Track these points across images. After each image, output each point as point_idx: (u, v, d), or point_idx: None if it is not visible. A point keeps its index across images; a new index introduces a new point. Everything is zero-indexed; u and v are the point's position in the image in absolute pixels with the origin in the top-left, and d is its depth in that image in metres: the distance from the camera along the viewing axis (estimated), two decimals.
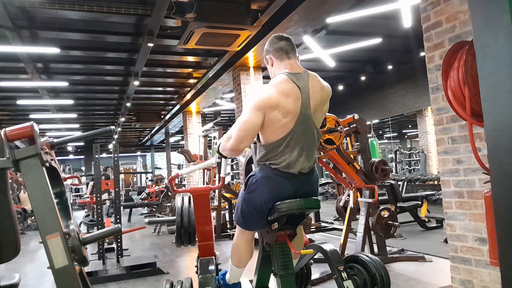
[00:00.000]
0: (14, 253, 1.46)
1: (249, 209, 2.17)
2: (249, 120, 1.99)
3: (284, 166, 2.05)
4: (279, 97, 1.97)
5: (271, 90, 2.00)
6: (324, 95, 2.15)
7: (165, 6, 4.86)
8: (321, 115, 2.18)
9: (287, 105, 1.97)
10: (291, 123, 2.00)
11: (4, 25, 5.43)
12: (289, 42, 2.18)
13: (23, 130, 1.41)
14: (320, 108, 2.13)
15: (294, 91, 2.01)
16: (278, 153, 2.04)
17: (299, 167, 2.05)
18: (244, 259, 2.39)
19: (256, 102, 1.98)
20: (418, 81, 9.67)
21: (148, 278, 4.33)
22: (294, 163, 2.04)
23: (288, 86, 2.01)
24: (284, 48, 2.15)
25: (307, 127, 2.06)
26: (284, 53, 2.15)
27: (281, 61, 2.15)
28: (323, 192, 13.78)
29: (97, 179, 4.88)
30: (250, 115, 1.99)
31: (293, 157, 2.04)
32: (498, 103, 1.43)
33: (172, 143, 20.27)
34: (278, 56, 2.16)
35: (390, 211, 4.22)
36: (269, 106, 1.96)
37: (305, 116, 2.03)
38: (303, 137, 2.05)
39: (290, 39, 2.21)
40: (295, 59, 2.17)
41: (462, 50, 2.40)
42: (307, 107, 2.03)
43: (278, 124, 1.99)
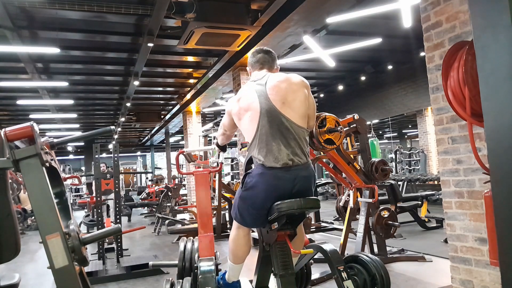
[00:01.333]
0: (14, 253, 1.46)
1: (246, 206, 2.21)
2: (223, 121, 2.55)
3: (272, 161, 2.12)
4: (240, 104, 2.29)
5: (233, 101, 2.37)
6: (292, 84, 2.25)
7: (165, 6, 4.86)
8: (298, 104, 2.23)
9: (250, 107, 2.23)
10: (255, 121, 2.20)
11: (4, 25, 5.43)
12: (267, 55, 2.43)
13: (23, 130, 1.40)
14: (292, 98, 2.21)
15: (252, 94, 2.25)
16: (259, 150, 2.17)
17: (285, 158, 2.12)
18: (241, 255, 2.40)
19: (226, 110, 2.46)
20: (418, 81, 9.69)
21: (148, 278, 4.33)
22: (279, 154, 2.13)
23: (246, 92, 2.30)
24: (260, 60, 2.42)
25: (276, 121, 2.16)
26: (259, 64, 2.42)
27: (253, 71, 2.45)
28: (323, 192, 13.78)
29: (97, 179, 4.88)
30: (224, 118, 2.53)
31: (275, 150, 2.13)
32: (498, 103, 1.43)
33: (172, 143, 20.27)
34: (255, 67, 2.45)
35: (390, 211, 4.22)
36: (234, 113, 2.34)
37: (270, 112, 2.16)
38: (274, 131, 2.15)
39: (268, 51, 2.46)
40: (268, 68, 2.41)
41: (462, 50, 2.40)
42: (267, 101, 2.18)
43: (247, 126, 2.25)
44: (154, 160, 25.59)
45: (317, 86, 11.74)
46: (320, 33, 6.62)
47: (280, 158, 2.11)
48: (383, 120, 16.33)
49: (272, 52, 2.47)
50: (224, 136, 2.70)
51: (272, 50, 2.48)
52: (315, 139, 2.72)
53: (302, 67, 9.11)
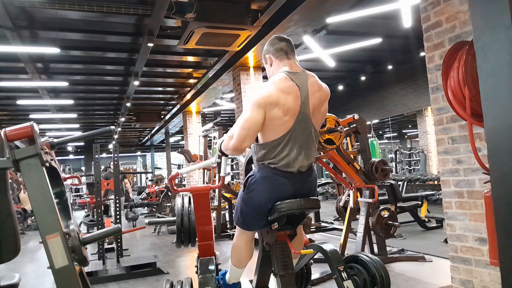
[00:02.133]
0: (14, 253, 1.46)
1: (249, 209, 2.18)
2: (250, 118, 1.98)
3: (283, 165, 2.05)
4: (279, 95, 1.97)
5: (271, 87, 2.00)
6: (322, 95, 2.15)
7: (165, 6, 4.86)
8: (320, 116, 2.17)
9: (287, 103, 1.98)
10: (290, 121, 2.00)
11: (4, 25, 5.43)
12: (289, 44, 2.20)
13: (23, 130, 1.40)
14: (319, 108, 2.13)
15: (293, 89, 2.01)
16: (278, 152, 2.04)
17: (298, 165, 2.06)
18: (244, 260, 2.40)
19: (256, 100, 1.98)
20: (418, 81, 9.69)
21: (148, 278, 4.33)
22: (293, 161, 2.05)
23: (287, 84, 2.02)
24: (284, 48, 2.17)
25: (306, 126, 2.06)
26: (283, 53, 2.16)
27: (281, 61, 2.17)
28: (323, 192, 13.77)
29: (97, 179, 4.88)
30: (251, 113, 1.98)
31: (292, 156, 2.04)
32: (498, 103, 1.43)
33: (172, 143, 20.27)
34: (278, 56, 2.18)
35: (390, 211, 4.22)
36: (269, 103, 1.96)
37: (304, 115, 2.03)
38: (302, 135, 2.06)
39: (290, 40, 2.23)
40: (294, 60, 2.19)
41: (462, 50, 2.40)
42: (306, 106, 2.03)
43: (278, 122, 1.99)
44: (154, 160, 25.60)
45: None
46: (320, 33, 6.62)
47: (293, 165, 2.05)
48: (383, 120, 16.33)
49: (291, 40, 2.25)
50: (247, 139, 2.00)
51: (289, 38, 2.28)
52: None
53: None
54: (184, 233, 2.55)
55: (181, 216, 2.55)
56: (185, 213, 2.56)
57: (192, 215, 2.53)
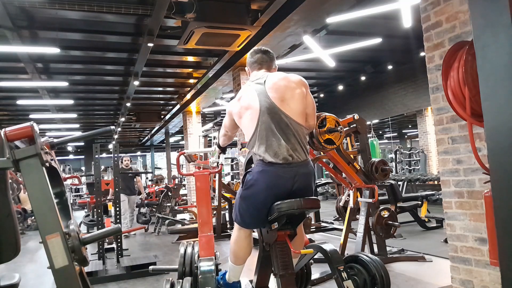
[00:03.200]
0: (14, 253, 1.46)
1: (247, 205, 2.22)
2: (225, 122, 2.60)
3: (270, 155, 2.14)
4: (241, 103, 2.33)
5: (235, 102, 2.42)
6: (290, 82, 2.29)
7: (165, 6, 4.86)
8: (295, 104, 2.26)
9: (250, 106, 2.26)
10: (255, 118, 2.23)
11: (4, 25, 5.43)
12: (265, 55, 2.46)
13: (23, 130, 1.40)
14: (290, 95, 2.24)
15: (252, 94, 2.28)
16: (259, 145, 2.18)
17: (285, 152, 2.14)
18: (242, 256, 2.41)
19: (227, 111, 2.52)
20: (418, 81, 9.70)
21: (148, 278, 4.33)
22: (278, 149, 2.15)
23: (247, 89, 2.34)
24: (258, 60, 2.45)
25: (276, 117, 2.20)
26: (257, 64, 2.46)
27: (252, 71, 2.49)
28: (323, 192, 13.77)
29: (97, 179, 4.87)
30: (225, 118, 2.57)
31: (275, 145, 2.15)
32: (498, 103, 1.43)
33: (172, 143, 20.27)
34: (252, 67, 2.49)
35: (390, 211, 4.22)
36: (235, 113, 2.39)
37: (269, 109, 2.20)
38: (273, 126, 2.18)
39: (267, 51, 2.49)
40: (267, 68, 2.44)
41: (462, 50, 2.40)
42: (266, 100, 2.22)
43: (247, 123, 2.28)
44: (154, 160, 25.59)
45: (317, 86, 11.73)
46: (320, 33, 6.62)
47: (280, 153, 2.13)
48: (383, 120, 16.33)
49: (270, 52, 2.50)
50: (226, 137, 2.74)
51: (270, 50, 2.51)
52: (315, 139, 2.72)
53: (302, 67, 9.11)
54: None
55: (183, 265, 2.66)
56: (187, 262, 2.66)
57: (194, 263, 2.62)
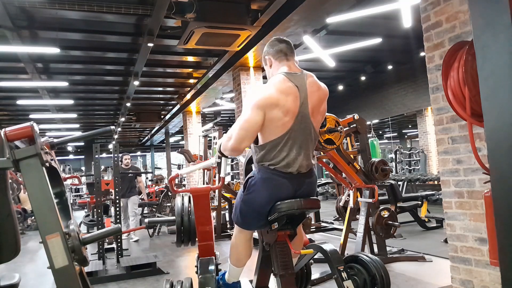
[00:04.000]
0: (14, 253, 1.46)
1: (248, 210, 2.19)
2: (250, 119, 2.00)
3: (283, 166, 2.05)
4: (279, 96, 1.99)
5: (270, 88, 2.02)
6: (321, 95, 2.17)
7: (165, 6, 4.85)
8: (319, 116, 2.18)
9: (287, 104, 1.99)
10: (290, 122, 2.01)
11: (4, 25, 5.43)
12: (289, 45, 2.23)
13: (23, 130, 1.40)
14: (318, 108, 2.14)
15: (293, 89, 2.03)
16: (277, 152, 2.05)
17: (298, 166, 2.07)
18: (242, 258, 2.40)
19: (256, 101, 1.99)
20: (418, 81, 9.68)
21: (148, 278, 4.33)
22: (293, 162, 2.06)
23: (287, 85, 2.03)
24: (283, 50, 2.19)
25: (305, 126, 2.07)
26: (283, 54, 2.19)
27: (280, 62, 2.19)
28: (323, 192, 13.77)
29: (97, 179, 4.87)
30: (251, 113, 2.00)
31: (292, 156, 2.05)
32: (498, 103, 1.43)
33: (172, 143, 20.27)
34: (278, 57, 2.20)
35: (390, 211, 4.22)
36: (269, 104, 1.97)
37: (303, 115, 2.05)
38: (301, 135, 2.07)
39: (289, 42, 2.26)
40: (293, 61, 2.21)
41: (462, 50, 2.40)
42: (305, 106, 2.05)
43: (278, 123, 2.00)
44: (154, 160, 25.59)
45: None
46: (320, 33, 6.62)
47: (293, 165, 2.06)
48: (383, 120, 16.33)
49: (290, 41, 2.28)
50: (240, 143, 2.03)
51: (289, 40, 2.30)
52: None
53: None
54: (184, 232, 2.54)
55: (181, 215, 2.55)
56: (185, 212, 2.56)
57: (192, 215, 2.53)
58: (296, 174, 2.09)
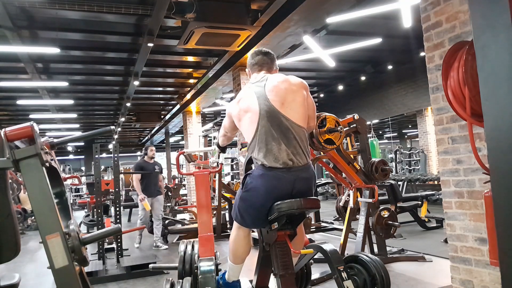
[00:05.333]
0: (14, 253, 1.46)
1: (247, 207, 2.22)
2: (225, 123, 2.56)
3: (272, 161, 2.12)
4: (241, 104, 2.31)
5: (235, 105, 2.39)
6: (292, 86, 2.27)
7: (165, 6, 4.86)
8: (297, 106, 2.24)
9: (248, 106, 2.24)
10: (255, 121, 2.20)
11: (4, 25, 5.43)
12: (266, 57, 2.44)
13: (23, 130, 1.40)
14: (291, 98, 2.22)
15: (250, 93, 2.27)
16: (259, 149, 2.16)
17: (285, 158, 2.12)
18: (241, 255, 2.41)
19: (227, 112, 2.48)
20: (418, 81, 9.69)
21: (148, 278, 4.33)
22: (278, 154, 2.13)
23: (246, 92, 2.32)
24: (258, 62, 2.43)
25: (276, 121, 2.17)
26: (257, 66, 2.44)
27: (252, 73, 2.47)
28: (323, 192, 13.77)
29: (97, 179, 4.87)
30: (225, 119, 2.53)
31: (274, 150, 2.13)
32: (498, 103, 1.43)
33: (172, 143, 20.27)
34: (253, 69, 2.47)
35: (390, 211, 4.22)
36: (235, 116, 2.36)
37: (269, 112, 2.17)
38: (273, 130, 2.16)
39: (268, 53, 2.47)
40: (267, 70, 2.42)
41: (462, 50, 2.40)
42: (267, 102, 2.19)
43: (247, 126, 2.25)
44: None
45: (317, 86, 11.73)
46: (320, 33, 6.62)
47: (280, 158, 2.12)
48: (383, 120, 16.33)
49: (271, 53, 2.48)
50: (225, 138, 2.73)
51: (271, 51, 2.49)
52: (315, 139, 2.71)
53: (302, 67, 9.11)
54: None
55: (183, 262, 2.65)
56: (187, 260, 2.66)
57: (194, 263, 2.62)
58: (290, 168, 2.12)
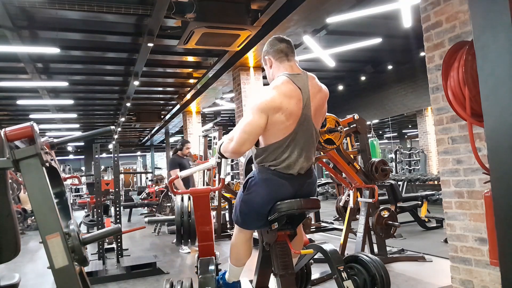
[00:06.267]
0: (14, 253, 1.46)
1: (248, 210, 2.19)
2: (252, 122, 1.98)
3: (284, 167, 2.06)
4: (282, 99, 1.97)
5: (273, 92, 2.00)
6: (323, 96, 2.17)
7: (165, 6, 4.86)
8: (321, 117, 2.20)
9: (290, 107, 1.98)
10: (293, 125, 2.01)
11: (4, 25, 5.43)
12: (289, 45, 2.19)
13: (23, 130, 1.40)
14: (320, 109, 2.15)
15: (296, 92, 2.02)
16: (279, 154, 2.05)
17: (298, 167, 2.07)
18: (242, 258, 2.41)
19: (259, 104, 1.98)
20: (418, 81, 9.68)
21: (148, 278, 4.33)
22: (294, 164, 2.06)
23: (289, 87, 2.01)
24: (284, 50, 2.15)
25: (307, 128, 2.07)
26: (284, 55, 2.15)
27: (281, 62, 2.16)
28: (323, 192, 13.77)
29: (97, 179, 4.86)
30: (253, 117, 1.98)
31: (293, 158, 2.06)
32: (498, 103, 1.43)
33: (172, 143, 20.25)
34: (278, 57, 2.16)
35: (390, 211, 4.22)
36: (272, 108, 1.95)
37: (306, 117, 2.05)
38: (303, 138, 2.07)
39: (290, 41, 2.21)
40: (294, 62, 2.18)
41: (462, 50, 2.40)
42: (308, 108, 2.05)
43: (280, 126, 2.00)
44: (154, 160, 25.59)
45: None
46: (320, 33, 6.62)
47: (294, 168, 2.06)
48: (383, 120, 16.33)
49: (291, 41, 2.23)
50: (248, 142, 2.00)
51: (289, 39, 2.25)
52: None
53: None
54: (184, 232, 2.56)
55: (181, 214, 2.56)
56: (184, 211, 2.58)
57: (192, 214, 2.55)
58: (297, 175, 2.09)
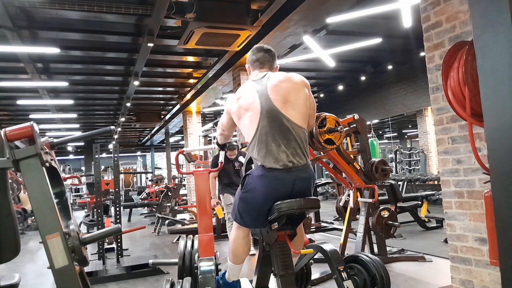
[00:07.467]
0: (14, 253, 1.46)
1: (246, 207, 2.22)
2: (222, 120, 2.51)
3: (271, 162, 2.11)
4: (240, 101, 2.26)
5: (234, 98, 2.34)
6: (293, 84, 2.24)
7: (165, 6, 4.85)
8: (299, 106, 2.21)
9: (249, 105, 2.20)
10: (256, 119, 2.16)
11: (4, 25, 5.43)
12: (268, 54, 2.38)
13: (23, 130, 1.40)
14: (293, 98, 2.19)
15: (251, 91, 2.22)
16: (260, 150, 2.14)
17: (285, 159, 2.10)
18: (241, 255, 2.41)
19: (226, 109, 2.42)
20: (418, 81, 9.68)
21: (148, 278, 4.33)
22: (277, 156, 2.11)
23: (246, 88, 2.28)
24: (260, 59, 2.38)
25: (277, 121, 2.14)
26: (258, 63, 2.38)
27: (253, 70, 2.41)
28: (323, 192, 13.77)
29: (97, 179, 4.87)
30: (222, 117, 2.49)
31: (274, 150, 2.11)
32: (498, 103, 1.43)
33: (172, 143, 20.27)
34: (253, 66, 2.41)
35: (390, 211, 4.22)
36: (235, 113, 2.29)
37: (270, 112, 2.14)
38: (274, 131, 2.13)
39: (269, 50, 2.41)
40: (267, 69, 2.36)
41: (462, 50, 2.40)
42: (268, 101, 2.15)
43: (248, 124, 2.21)
44: (154, 160, 25.59)
45: (317, 86, 11.72)
46: (320, 33, 6.62)
47: (280, 159, 2.10)
48: (383, 120, 16.33)
49: (272, 50, 2.42)
50: (223, 136, 2.67)
51: (272, 49, 2.44)
52: (315, 139, 2.71)
53: (302, 67, 9.11)
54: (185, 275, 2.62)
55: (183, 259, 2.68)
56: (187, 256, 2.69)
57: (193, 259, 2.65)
58: (290, 169, 2.11)
